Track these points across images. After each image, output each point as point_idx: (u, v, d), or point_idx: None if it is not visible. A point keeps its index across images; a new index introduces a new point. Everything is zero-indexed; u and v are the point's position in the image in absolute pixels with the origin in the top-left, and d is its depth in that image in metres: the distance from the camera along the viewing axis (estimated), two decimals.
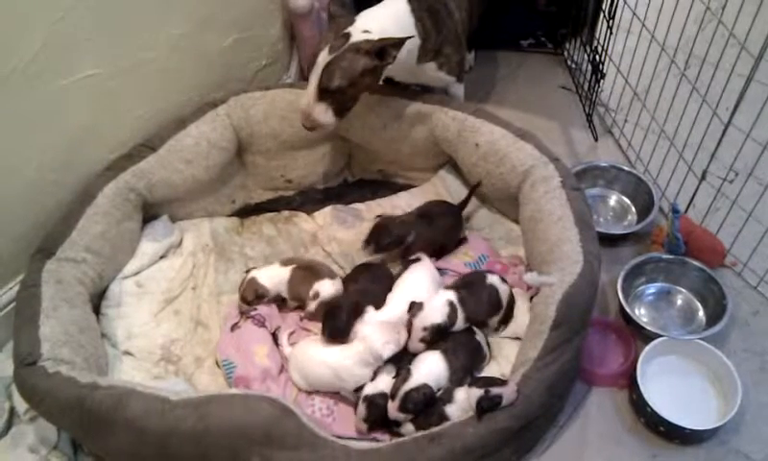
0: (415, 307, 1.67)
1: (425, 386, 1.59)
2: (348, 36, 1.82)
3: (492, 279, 1.76)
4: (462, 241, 2.05)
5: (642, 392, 1.66)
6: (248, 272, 1.88)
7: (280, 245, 2.12)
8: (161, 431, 1.45)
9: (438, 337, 1.66)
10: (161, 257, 2.02)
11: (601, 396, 1.76)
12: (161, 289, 1.93)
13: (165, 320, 1.88)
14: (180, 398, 1.49)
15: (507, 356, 1.76)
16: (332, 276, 1.87)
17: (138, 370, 1.79)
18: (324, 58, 1.81)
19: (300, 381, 1.75)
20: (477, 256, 1.97)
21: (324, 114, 1.86)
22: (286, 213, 2.22)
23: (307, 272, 1.88)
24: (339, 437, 1.51)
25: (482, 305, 1.73)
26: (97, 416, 1.49)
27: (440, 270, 1.95)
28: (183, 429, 1.45)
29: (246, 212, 2.24)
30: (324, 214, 2.20)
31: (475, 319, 1.73)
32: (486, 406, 1.48)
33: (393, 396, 1.59)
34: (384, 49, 1.82)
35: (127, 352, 1.81)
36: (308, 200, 2.28)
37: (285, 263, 1.89)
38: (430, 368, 1.64)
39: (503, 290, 1.76)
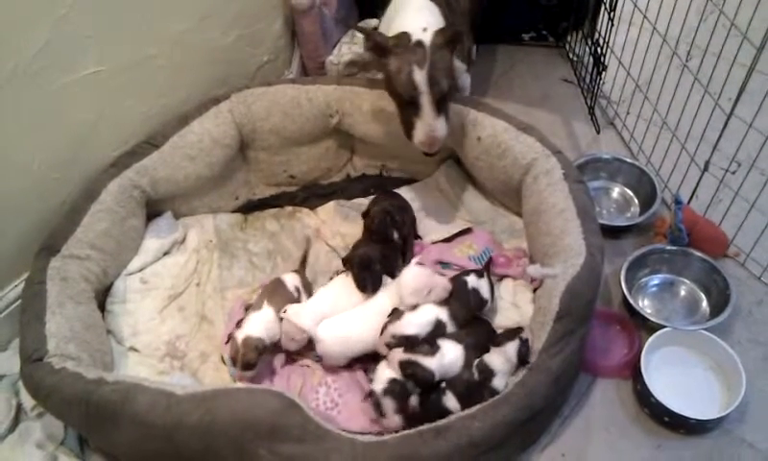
0: (395, 315, 1.69)
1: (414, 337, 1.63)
2: (409, 38, 1.79)
3: (473, 282, 1.75)
4: (465, 233, 2.05)
5: (646, 382, 1.66)
6: (230, 337, 1.76)
7: (283, 240, 2.12)
8: (167, 425, 1.46)
9: (405, 345, 1.64)
10: (165, 254, 2.02)
11: (605, 387, 1.76)
12: (166, 285, 1.94)
13: (170, 316, 1.89)
14: (185, 392, 1.49)
15: None
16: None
17: (144, 365, 1.80)
18: (420, 73, 1.76)
19: (338, 355, 1.74)
20: (481, 250, 1.97)
21: (445, 126, 1.84)
22: (289, 209, 2.22)
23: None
24: (344, 430, 1.52)
25: (469, 310, 1.74)
26: (103, 411, 1.50)
27: (444, 264, 1.95)
28: (189, 423, 1.45)
29: (249, 208, 2.25)
30: (327, 209, 2.20)
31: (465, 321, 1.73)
32: (526, 351, 1.57)
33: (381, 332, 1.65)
34: (456, 35, 1.80)
35: (132, 349, 1.81)
36: (311, 195, 2.27)
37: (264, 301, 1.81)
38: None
39: (484, 287, 1.76)
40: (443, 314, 1.70)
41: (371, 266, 1.78)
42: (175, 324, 1.87)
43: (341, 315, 1.75)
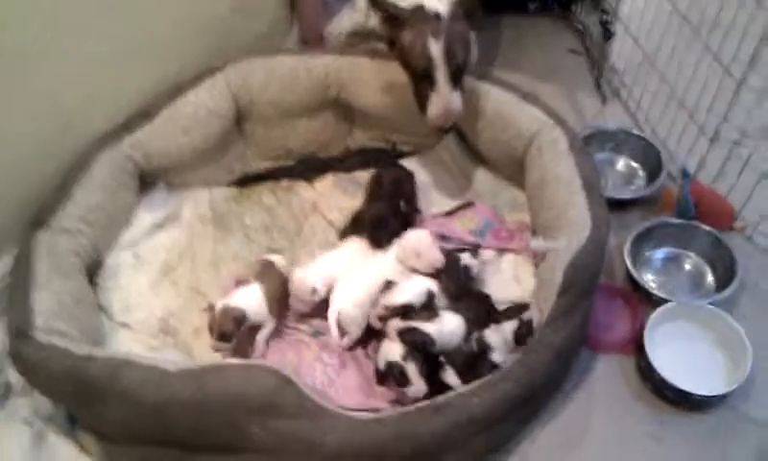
0: (387, 287, 1.67)
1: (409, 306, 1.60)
2: (424, 9, 1.74)
3: (466, 260, 1.74)
4: (466, 207, 2.01)
5: (649, 358, 1.63)
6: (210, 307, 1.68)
7: (280, 214, 2.08)
8: (158, 402, 1.42)
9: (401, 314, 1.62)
10: (159, 228, 1.97)
11: (607, 363, 1.72)
12: (159, 260, 1.89)
13: (163, 291, 1.84)
14: (177, 368, 1.45)
15: None
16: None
17: (136, 342, 1.75)
18: (436, 45, 1.72)
19: (359, 320, 1.70)
20: (483, 223, 1.93)
21: (460, 100, 1.79)
22: (286, 182, 2.18)
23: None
24: (340, 407, 1.49)
25: (460, 287, 1.72)
26: (92, 387, 1.45)
27: (444, 238, 1.90)
28: (181, 400, 1.41)
29: (245, 182, 2.20)
30: (325, 183, 2.16)
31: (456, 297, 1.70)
32: (525, 332, 1.53)
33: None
34: (475, 6, 1.76)
35: (124, 325, 1.76)
36: (309, 168, 2.22)
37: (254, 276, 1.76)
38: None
39: (475, 266, 1.76)
40: (434, 286, 1.67)
41: (386, 222, 1.79)
42: (168, 299, 1.82)
43: (349, 280, 1.72)
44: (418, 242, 1.71)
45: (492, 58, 2.63)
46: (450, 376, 1.55)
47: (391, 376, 1.57)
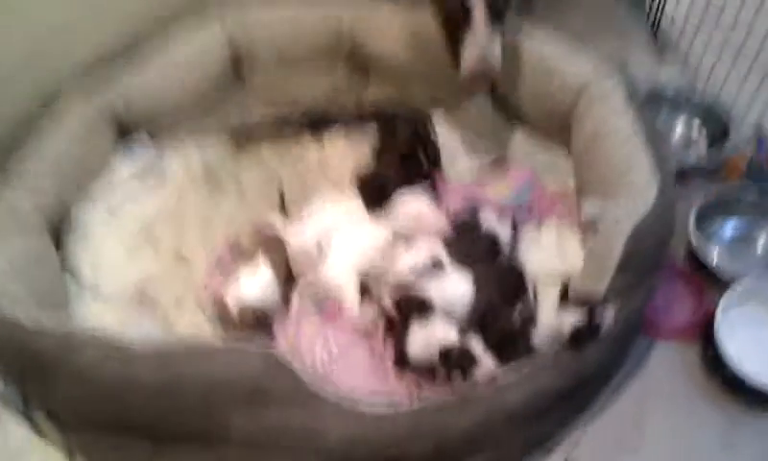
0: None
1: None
2: None
3: (489, 222, 1.54)
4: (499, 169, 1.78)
5: (721, 348, 1.41)
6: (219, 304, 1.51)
7: (283, 174, 1.85)
8: (119, 385, 1.18)
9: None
10: (139, 182, 1.75)
11: (665, 352, 1.51)
12: (137, 219, 1.68)
13: (141, 254, 1.63)
14: (144, 346, 1.20)
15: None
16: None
17: (107, 312, 1.51)
18: None
19: (346, 269, 1.51)
20: (519, 188, 1.71)
21: (500, 50, 1.56)
22: (290, 138, 1.94)
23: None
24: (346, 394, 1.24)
25: (479, 256, 1.48)
26: (42, 362, 1.22)
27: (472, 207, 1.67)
28: (147, 383, 1.17)
29: (243, 136, 1.95)
30: (334, 137, 1.93)
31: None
32: (587, 334, 1.26)
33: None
34: None
35: (94, 292, 1.54)
36: (315, 123, 1.97)
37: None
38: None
39: (503, 234, 1.53)
40: (438, 249, 1.47)
41: (387, 188, 1.60)
42: (146, 263, 1.61)
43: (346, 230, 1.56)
44: (414, 205, 1.56)
45: (535, 3, 2.31)
46: (478, 348, 1.29)
47: (449, 364, 1.30)
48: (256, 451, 1.21)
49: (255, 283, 1.48)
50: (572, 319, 1.27)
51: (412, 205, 1.57)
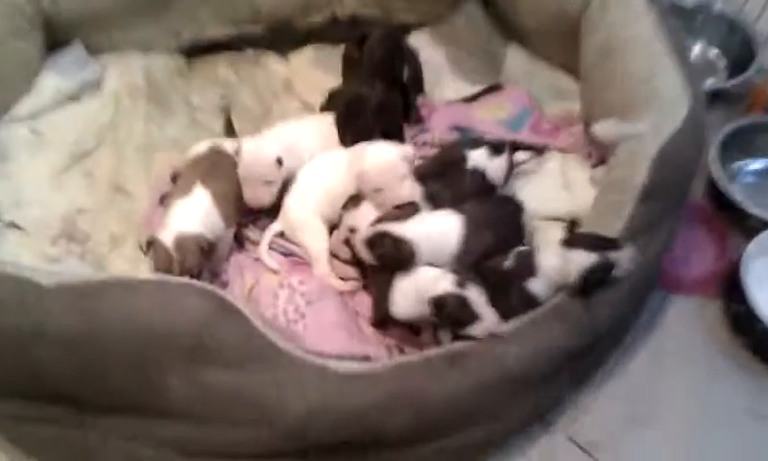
0: (351, 202, 1.28)
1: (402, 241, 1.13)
2: None
3: (477, 160, 1.30)
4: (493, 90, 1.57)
5: (747, 302, 1.25)
6: (150, 242, 1.20)
7: (241, 93, 1.65)
8: (23, 331, 0.97)
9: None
10: (71, 99, 1.55)
11: (684, 307, 1.35)
12: (68, 141, 1.48)
13: (71, 182, 1.44)
14: (57, 282, 0.98)
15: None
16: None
17: (27, 248, 1.33)
18: None
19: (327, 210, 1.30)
20: (516, 112, 1.51)
21: None
22: (251, 53, 1.74)
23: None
24: (311, 352, 1.04)
25: (464, 197, 1.27)
26: None
27: (462, 130, 1.48)
28: (57, 330, 0.96)
29: (196, 50, 1.72)
30: (303, 56, 1.73)
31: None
32: (600, 278, 1.07)
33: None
34: None
35: (13, 225, 1.36)
36: (282, 39, 1.75)
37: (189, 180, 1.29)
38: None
39: (495, 169, 1.31)
40: (415, 193, 1.26)
41: (363, 112, 1.35)
42: (77, 193, 1.42)
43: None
44: (382, 164, 1.24)
45: None
46: (479, 300, 1.05)
47: (443, 317, 1.07)
48: (199, 426, 0.99)
49: (191, 208, 1.22)
50: (582, 261, 1.06)
51: (379, 162, 1.26)
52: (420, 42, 1.68)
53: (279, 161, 1.26)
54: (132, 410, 1.00)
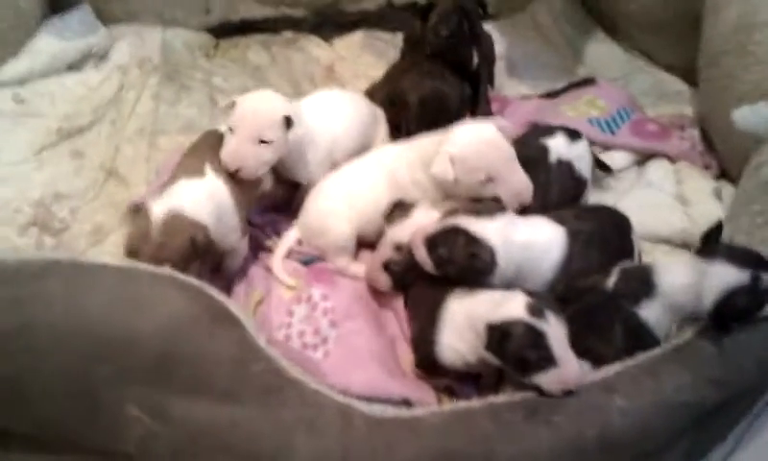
0: (397, 211, 1.01)
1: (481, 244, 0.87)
2: None
3: (559, 149, 1.06)
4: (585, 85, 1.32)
5: None
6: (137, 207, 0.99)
7: (272, 78, 1.44)
8: None
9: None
10: (70, 67, 1.35)
11: None
12: (58, 114, 1.28)
13: (55, 161, 1.22)
14: None
15: None
16: None
17: None
18: None
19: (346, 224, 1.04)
20: (613, 111, 1.25)
21: None
22: (289, 35, 1.55)
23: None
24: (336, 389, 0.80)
25: (552, 199, 1.04)
26: None
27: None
28: None
29: (226, 30, 1.54)
30: (350, 41, 1.56)
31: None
32: (745, 306, 0.80)
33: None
34: None
35: None
36: (327, 23, 1.57)
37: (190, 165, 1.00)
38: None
39: (578, 155, 1.07)
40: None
41: (446, 110, 1.11)
42: (60, 175, 1.20)
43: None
44: (483, 142, 0.96)
45: None
46: (559, 336, 0.78)
47: (504, 354, 0.79)
48: None
49: (199, 190, 0.93)
50: (727, 278, 0.79)
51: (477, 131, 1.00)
52: (496, 35, 1.43)
53: (288, 121, 0.97)
54: (72, 451, 0.73)
